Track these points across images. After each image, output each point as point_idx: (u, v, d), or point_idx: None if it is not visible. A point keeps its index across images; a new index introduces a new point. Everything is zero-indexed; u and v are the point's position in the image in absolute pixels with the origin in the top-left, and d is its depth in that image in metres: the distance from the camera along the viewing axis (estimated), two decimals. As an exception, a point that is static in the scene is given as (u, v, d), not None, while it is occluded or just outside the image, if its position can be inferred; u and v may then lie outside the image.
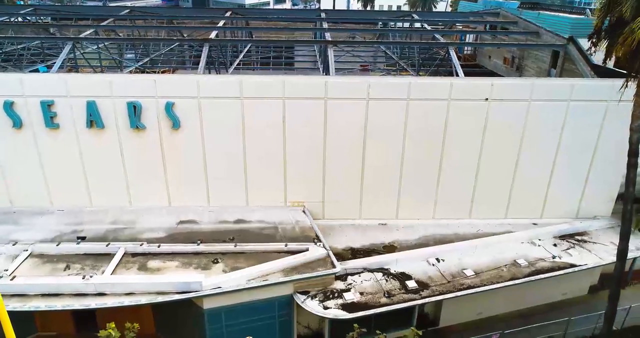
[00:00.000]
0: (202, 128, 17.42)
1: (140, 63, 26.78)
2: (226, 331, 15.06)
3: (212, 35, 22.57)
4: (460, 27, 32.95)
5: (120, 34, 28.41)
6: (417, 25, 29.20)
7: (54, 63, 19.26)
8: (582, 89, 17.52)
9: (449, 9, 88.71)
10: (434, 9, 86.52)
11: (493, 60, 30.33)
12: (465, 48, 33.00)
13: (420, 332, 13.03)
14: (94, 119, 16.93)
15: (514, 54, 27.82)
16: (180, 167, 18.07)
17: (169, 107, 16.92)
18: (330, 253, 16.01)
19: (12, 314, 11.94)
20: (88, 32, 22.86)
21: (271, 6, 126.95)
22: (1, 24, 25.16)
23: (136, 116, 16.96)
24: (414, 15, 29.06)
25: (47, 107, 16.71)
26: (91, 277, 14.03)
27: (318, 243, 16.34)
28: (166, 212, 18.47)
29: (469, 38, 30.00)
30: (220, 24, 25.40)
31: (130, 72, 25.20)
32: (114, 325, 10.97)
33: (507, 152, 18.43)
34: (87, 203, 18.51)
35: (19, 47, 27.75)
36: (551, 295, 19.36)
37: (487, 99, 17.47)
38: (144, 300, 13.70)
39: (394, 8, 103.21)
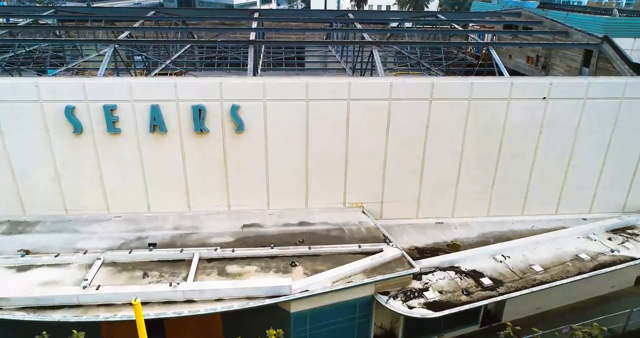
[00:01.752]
0: (265, 131, 17.30)
1: (164, 65, 26.30)
2: (309, 334, 14.99)
3: (251, 36, 22.47)
4: (478, 27, 33.51)
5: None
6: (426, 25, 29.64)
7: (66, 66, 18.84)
8: (636, 87, 18.06)
9: (438, 9, 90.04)
10: (425, 9, 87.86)
11: (514, 60, 30.88)
12: (484, 47, 33.47)
13: (515, 328, 13.20)
14: (157, 123, 16.62)
15: (539, 53, 28.42)
16: (241, 171, 17.89)
17: (235, 110, 16.74)
18: (404, 253, 16.10)
19: (77, 325, 11.82)
20: (124, 34, 22.36)
21: (258, 6, 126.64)
22: (25, 26, 24.46)
23: (201, 119, 16.72)
24: (440, 15, 29.38)
25: (109, 112, 16.34)
26: (178, 284, 13.78)
27: (390, 244, 16.41)
28: (226, 216, 18.27)
29: (490, 38, 30.48)
30: (254, 25, 25.20)
31: (156, 74, 24.78)
32: None
33: (562, 148, 18.85)
34: (145, 209, 18.15)
35: (28, 49, 26.84)
36: (601, 288, 19.86)
37: (544, 98, 17.84)
38: (236, 305, 13.53)
39: (384, 8, 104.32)
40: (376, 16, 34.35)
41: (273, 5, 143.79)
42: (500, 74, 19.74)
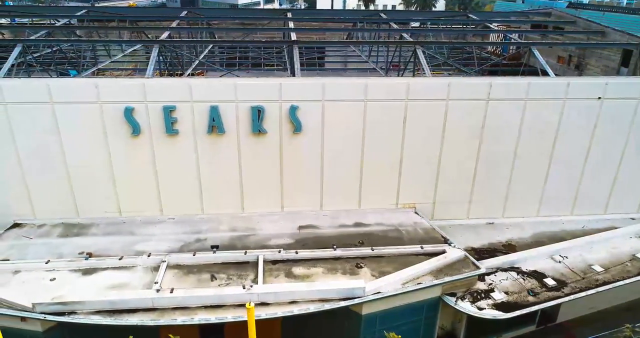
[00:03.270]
0: (323, 131, 17.19)
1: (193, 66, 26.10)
2: (377, 336, 14.89)
3: (293, 36, 22.33)
4: (503, 26, 33.46)
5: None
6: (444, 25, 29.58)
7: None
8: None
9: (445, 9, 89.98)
10: (433, 9, 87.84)
11: (545, 59, 30.79)
12: (510, 47, 33.48)
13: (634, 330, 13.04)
14: (216, 124, 16.48)
15: (571, 52, 28.43)
16: (296, 172, 17.77)
17: (294, 111, 16.63)
18: (467, 254, 16.04)
19: (135, 329, 11.71)
20: (165, 34, 22.17)
21: (261, 6, 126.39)
22: (63, 26, 24.23)
23: (260, 120, 16.60)
24: (471, 15, 29.35)
25: (168, 113, 16.19)
26: (251, 286, 13.65)
27: (452, 245, 16.35)
28: (280, 217, 18.15)
29: (522, 38, 30.46)
30: (291, 25, 25.08)
31: (190, 74, 24.59)
32: None
33: (613, 148, 18.85)
34: (198, 211, 18.01)
35: (53, 49, 26.53)
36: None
37: (599, 97, 17.83)
38: (312, 308, 13.41)
39: (389, 7, 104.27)
40: (408, 16, 34.19)
41: (275, 5, 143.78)
42: (545, 73, 19.70)
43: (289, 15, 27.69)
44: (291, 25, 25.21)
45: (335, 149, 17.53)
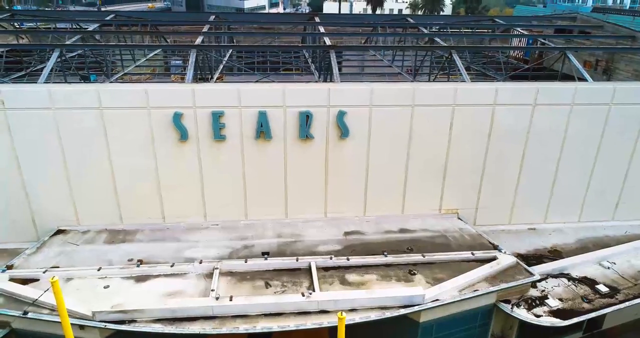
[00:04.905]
0: (369, 137, 17.11)
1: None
2: (432, 344, 14.78)
3: (327, 41, 22.27)
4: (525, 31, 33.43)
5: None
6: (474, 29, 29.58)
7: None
8: None
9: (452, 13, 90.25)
10: (442, 13, 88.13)
11: (568, 63, 30.77)
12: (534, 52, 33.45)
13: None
14: (264, 129, 16.39)
15: (599, 57, 28.41)
16: (341, 177, 17.66)
17: (341, 117, 16.55)
18: (519, 260, 15.93)
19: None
20: (199, 39, 22.10)
21: (267, 10, 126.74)
22: (96, 31, 24.16)
23: (307, 126, 16.51)
24: (497, 19, 29.35)
25: (217, 118, 16.09)
26: (310, 294, 13.51)
27: (502, 251, 16.23)
28: (324, 223, 18.03)
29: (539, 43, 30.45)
30: (323, 29, 25.04)
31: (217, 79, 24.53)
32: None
33: (657, 153, 18.82)
34: (242, 217, 17.88)
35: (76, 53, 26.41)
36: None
37: (646, 102, 17.80)
38: (373, 316, 13.27)
39: (395, 11, 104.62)
40: (434, 21, 34.20)
41: (280, 9, 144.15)
42: (581, 79, 19.64)
43: (317, 19, 27.62)
44: (321, 29, 25.15)
45: (380, 154, 17.44)
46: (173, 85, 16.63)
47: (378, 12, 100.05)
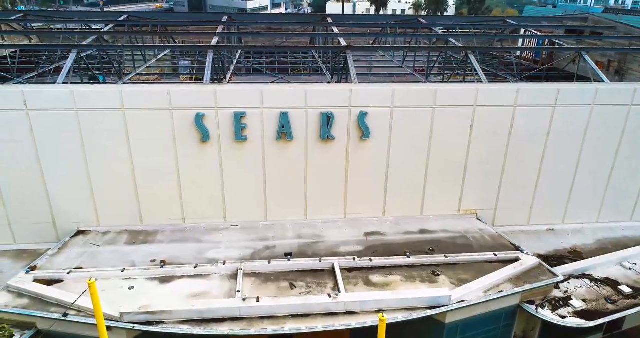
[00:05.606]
0: (390, 138, 17.09)
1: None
2: (457, 345, 14.75)
3: (342, 42, 22.24)
4: (536, 31, 33.39)
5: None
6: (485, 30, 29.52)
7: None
8: None
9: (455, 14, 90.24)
10: (445, 14, 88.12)
11: (581, 65, 30.77)
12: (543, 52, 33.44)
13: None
14: (285, 130, 16.37)
15: (611, 58, 28.40)
16: (361, 178, 17.64)
17: (363, 117, 16.53)
18: (541, 261, 15.91)
19: None
20: (215, 39, 22.06)
21: (269, 11, 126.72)
22: (110, 32, 24.14)
23: (329, 127, 16.49)
24: (509, 20, 29.34)
25: (239, 119, 16.07)
26: (337, 295, 13.49)
27: (525, 252, 16.21)
28: (344, 224, 18.02)
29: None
30: (337, 30, 25.04)
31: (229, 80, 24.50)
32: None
33: (676, 154, 18.80)
34: (262, 218, 17.85)
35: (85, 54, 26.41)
36: None
37: (665, 103, 17.77)
38: (400, 317, 13.24)
39: (398, 12, 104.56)
40: (446, 21, 34.21)
41: (282, 9, 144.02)
42: (598, 80, 19.61)
43: (329, 20, 27.61)
44: (335, 30, 25.15)
45: (401, 154, 17.42)
46: (195, 86, 16.56)
47: (381, 12, 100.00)
